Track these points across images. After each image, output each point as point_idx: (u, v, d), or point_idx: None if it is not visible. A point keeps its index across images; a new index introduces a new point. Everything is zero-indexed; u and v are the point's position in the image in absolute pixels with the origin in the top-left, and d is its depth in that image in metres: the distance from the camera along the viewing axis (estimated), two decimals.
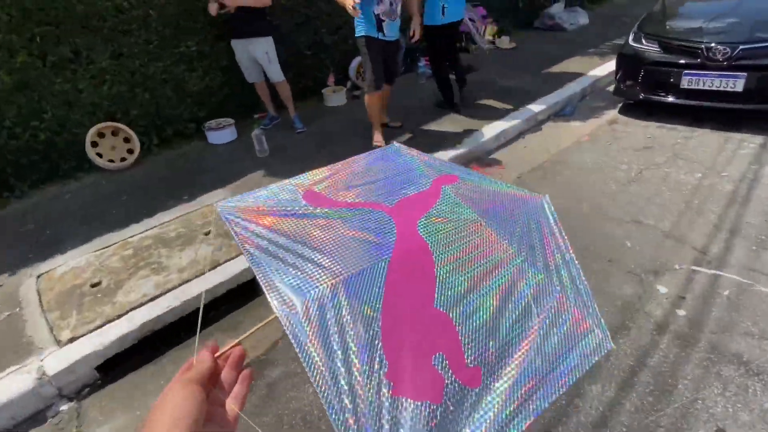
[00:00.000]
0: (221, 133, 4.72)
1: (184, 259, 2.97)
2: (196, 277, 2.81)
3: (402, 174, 1.00)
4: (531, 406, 0.67)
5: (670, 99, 4.36)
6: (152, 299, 2.66)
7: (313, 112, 5.37)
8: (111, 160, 4.33)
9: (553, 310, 0.79)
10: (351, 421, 0.58)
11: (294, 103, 5.01)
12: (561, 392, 0.70)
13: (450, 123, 4.69)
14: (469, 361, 0.69)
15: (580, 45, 7.19)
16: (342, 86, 5.83)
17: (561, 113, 5.14)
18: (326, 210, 0.88)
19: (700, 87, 4.10)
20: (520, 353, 0.72)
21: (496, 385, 0.68)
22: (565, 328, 0.78)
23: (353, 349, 0.63)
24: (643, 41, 4.54)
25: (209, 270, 2.86)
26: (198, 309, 2.68)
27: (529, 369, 0.71)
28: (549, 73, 6.07)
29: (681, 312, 2.28)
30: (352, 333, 0.65)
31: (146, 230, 3.34)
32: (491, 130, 4.53)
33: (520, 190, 1.04)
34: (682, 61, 4.19)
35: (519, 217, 0.94)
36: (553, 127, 4.84)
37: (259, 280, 0.70)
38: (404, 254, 0.77)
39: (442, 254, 0.79)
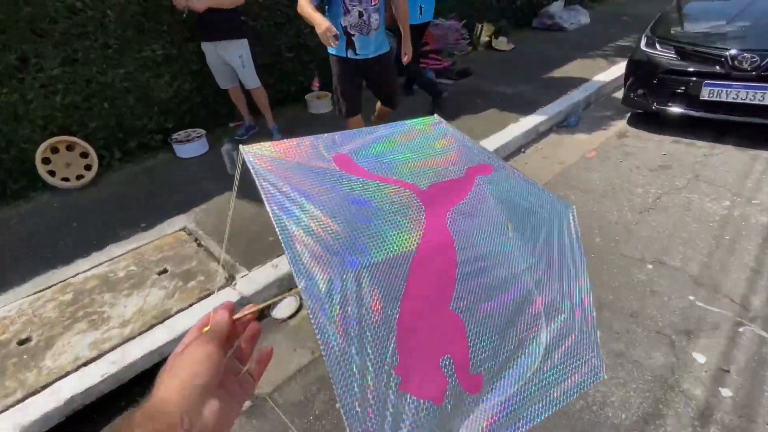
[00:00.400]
0: (190, 146, 4.25)
1: (130, 308, 2.52)
2: (140, 333, 2.36)
3: (439, 155, 0.95)
4: (518, 424, 0.69)
5: (689, 111, 3.93)
6: (85, 364, 2.21)
7: (294, 120, 4.91)
8: (65, 179, 3.85)
9: (559, 331, 0.79)
10: (357, 407, 0.58)
11: (274, 111, 4.56)
12: (548, 414, 0.71)
13: None
14: (473, 367, 0.70)
15: (582, 47, 6.76)
16: (327, 92, 5.37)
17: (564, 124, 4.71)
18: (360, 180, 0.83)
19: (723, 99, 3.68)
20: (520, 370, 0.73)
21: (492, 396, 0.70)
22: (566, 352, 0.78)
23: (369, 337, 0.63)
24: (657, 46, 4.11)
25: (156, 324, 2.41)
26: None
27: (526, 387, 0.72)
28: (550, 79, 5.63)
29: (726, 392, 1.86)
30: (370, 322, 0.64)
31: (93, 267, 2.88)
32: (488, 144, 4.09)
33: (548, 193, 0.97)
34: (703, 70, 3.76)
35: (544, 224, 0.90)
36: (555, 140, 4.41)
37: (285, 248, 0.64)
38: (430, 248, 0.75)
39: (465, 254, 0.78)
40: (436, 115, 1.05)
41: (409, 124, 1.01)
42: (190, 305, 2.51)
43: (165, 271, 2.79)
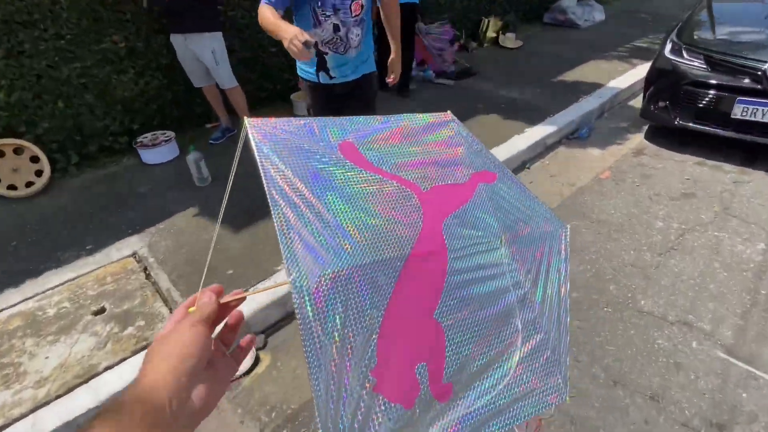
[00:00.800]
0: (157, 151, 3.81)
1: (52, 360, 2.11)
2: (58, 397, 1.96)
3: (445, 155, 0.92)
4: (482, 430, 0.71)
5: (717, 131, 3.47)
6: None
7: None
8: (12, 186, 3.43)
9: (534, 350, 0.80)
10: (331, 404, 0.60)
11: (255, 112, 4.12)
12: (508, 427, 0.73)
13: None
14: (446, 377, 0.71)
15: (597, 47, 6.25)
16: None
17: (575, 135, 4.26)
18: (362, 172, 0.79)
19: (758, 119, 3.23)
20: (490, 383, 0.75)
21: (460, 405, 0.72)
22: (536, 370, 0.79)
23: (350, 338, 0.64)
24: (684, 54, 3.64)
25: (79, 384, 2.01)
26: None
27: (493, 400, 0.74)
28: (560, 82, 5.16)
29: None
30: (354, 323, 0.64)
31: (22, 301, 2.47)
32: None
33: (546, 209, 0.95)
34: (736, 84, 3.30)
35: (537, 241, 0.89)
36: (565, 154, 3.96)
37: (279, 237, 0.63)
38: (422, 254, 0.74)
39: (455, 264, 0.77)
40: (449, 112, 1.00)
41: (420, 117, 0.97)
42: (122, 360, 2.10)
43: (102, 310, 2.38)
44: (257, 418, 1.97)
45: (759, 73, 3.18)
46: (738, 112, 3.29)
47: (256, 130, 0.73)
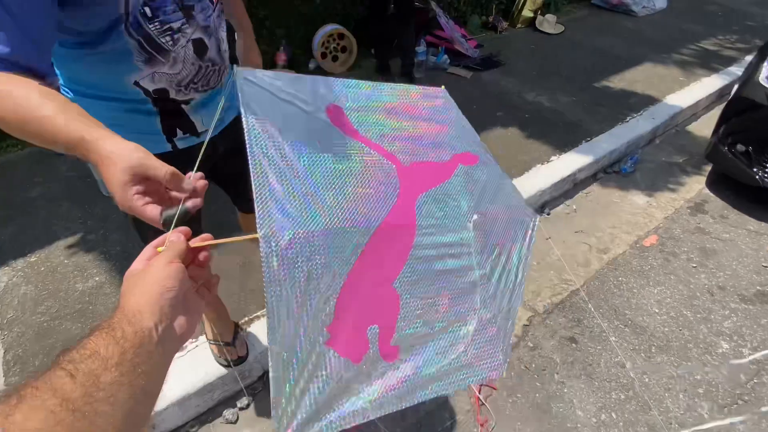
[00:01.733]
0: None
1: None
2: None
3: (432, 130, 0.95)
4: (419, 392, 0.76)
5: None
6: None
7: None
8: None
9: (484, 324, 0.85)
10: (284, 354, 0.64)
11: None
12: (445, 393, 0.85)
13: None
14: (394, 340, 0.76)
15: (654, 44, 5.11)
16: (298, 69, 3.95)
17: (614, 169, 3.29)
18: (347, 139, 0.83)
19: None
20: (437, 349, 0.79)
21: (404, 366, 0.76)
22: (482, 342, 0.83)
23: (310, 295, 0.67)
24: None
25: None
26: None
27: (438, 367, 0.78)
28: (604, 89, 4.10)
29: None
30: (316, 280, 0.67)
31: None
32: None
33: (519, 198, 0.98)
34: None
35: (504, 226, 0.91)
36: (599, 197, 3.01)
37: (254, 189, 0.65)
38: (392, 228, 0.77)
39: (422, 240, 0.80)
40: (443, 87, 1.01)
41: (413, 89, 0.98)
42: None
43: None
44: None
45: None
46: None
47: (245, 82, 0.75)
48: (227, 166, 1.28)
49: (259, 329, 1.91)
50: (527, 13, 5.32)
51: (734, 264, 2.46)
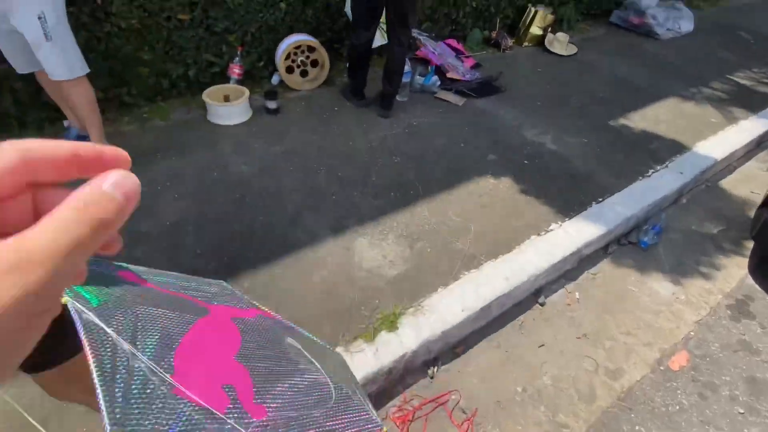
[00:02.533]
0: None
1: None
2: None
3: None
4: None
5: None
6: None
7: (179, 136, 2.86)
8: None
9: (343, 397, 0.89)
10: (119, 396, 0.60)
11: (136, 113, 2.53)
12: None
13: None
14: (256, 400, 0.73)
15: (680, 72, 4.41)
16: (250, 87, 3.26)
17: (631, 240, 2.60)
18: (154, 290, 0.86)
19: None
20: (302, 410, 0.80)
21: (279, 415, 0.74)
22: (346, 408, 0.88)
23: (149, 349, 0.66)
24: None
25: None
26: None
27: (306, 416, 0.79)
28: (621, 129, 3.41)
29: None
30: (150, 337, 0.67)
31: None
32: (472, 282, 2.05)
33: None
34: None
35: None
36: (609, 282, 2.32)
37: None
38: (214, 324, 0.79)
39: (247, 338, 0.82)
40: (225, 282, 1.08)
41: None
42: None
43: None
44: None
45: None
46: None
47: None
48: None
49: None
50: (536, 30, 4.63)
51: None
